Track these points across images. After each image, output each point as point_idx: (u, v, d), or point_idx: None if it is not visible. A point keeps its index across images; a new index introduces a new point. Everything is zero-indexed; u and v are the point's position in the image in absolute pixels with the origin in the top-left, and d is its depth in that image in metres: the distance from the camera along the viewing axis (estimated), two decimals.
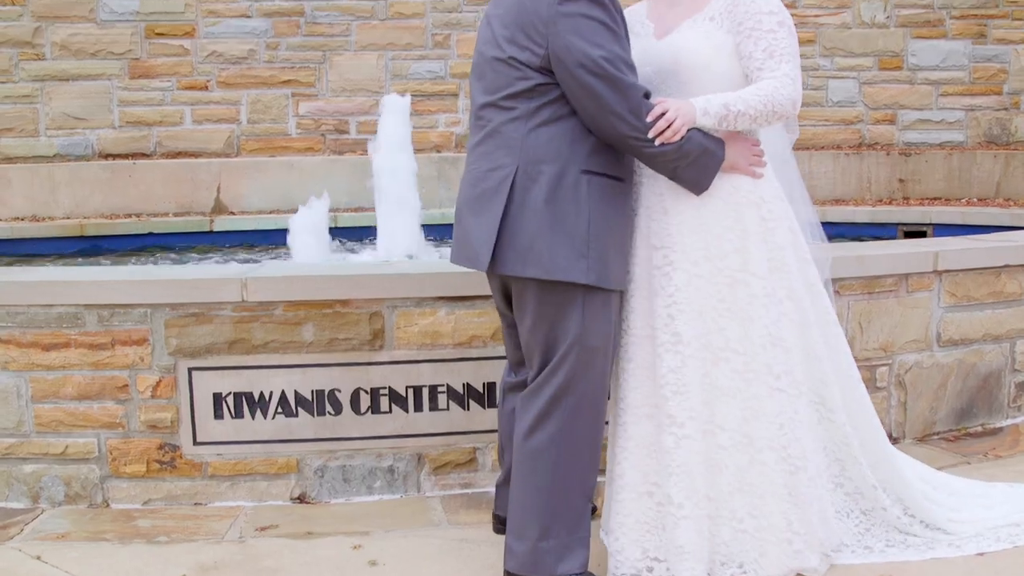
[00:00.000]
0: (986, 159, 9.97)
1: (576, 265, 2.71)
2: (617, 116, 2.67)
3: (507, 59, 2.75)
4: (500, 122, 2.80)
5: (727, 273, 2.90)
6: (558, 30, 2.65)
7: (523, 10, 2.72)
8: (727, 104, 2.78)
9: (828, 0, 10.14)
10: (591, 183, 2.74)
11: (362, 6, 9.67)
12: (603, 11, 2.68)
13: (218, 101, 9.57)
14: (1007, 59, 10.34)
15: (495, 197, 2.76)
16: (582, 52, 2.63)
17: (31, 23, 9.33)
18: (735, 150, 2.88)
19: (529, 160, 2.74)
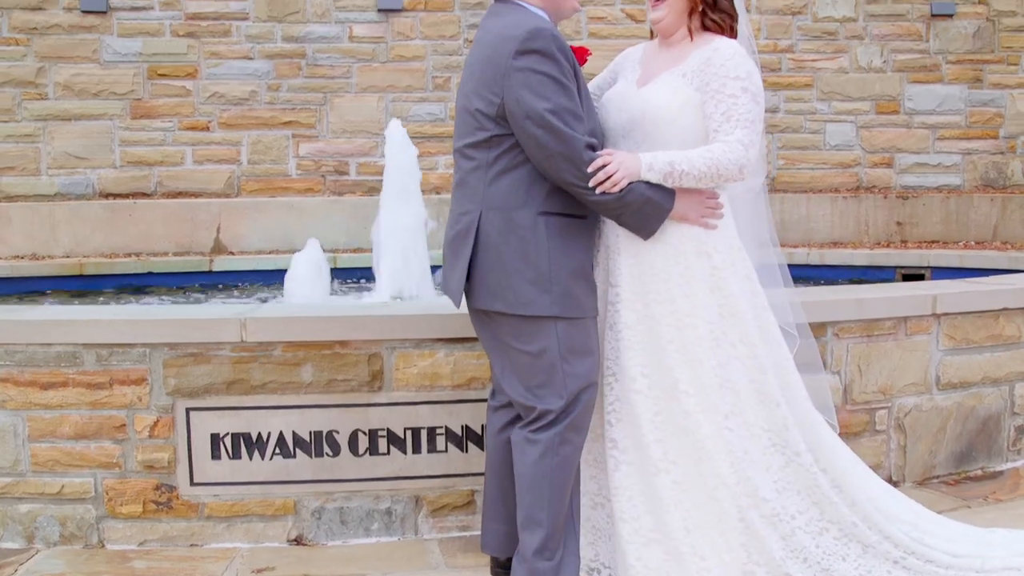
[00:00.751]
0: (983, 202, 10.02)
1: (540, 299, 2.90)
2: (561, 165, 2.85)
3: (473, 110, 2.96)
4: (466, 171, 3.03)
5: (676, 316, 3.02)
6: (511, 83, 2.84)
7: (487, 63, 2.91)
8: (672, 162, 2.92)
9: (825, 45, 10.23)
10: (548, 223, 2.92)
11: (363, 49, 9.75)
12: (554, 65, 2.84)
13: (219, 142, 9.62)
14: (1003, 103, 10.42)
15: (465, 240, 2.97)
16: (530, 105, 2.82)
17: (35, 63, 9.40)
18: (686, 202, 3.01)
19: (490, 206, 2.94)
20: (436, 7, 9.80)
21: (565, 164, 2.85)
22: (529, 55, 2.83)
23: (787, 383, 3.14)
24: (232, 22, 9.57)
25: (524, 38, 2.84)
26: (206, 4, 9.53)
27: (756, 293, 3.12)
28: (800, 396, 3.18)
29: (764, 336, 3.10)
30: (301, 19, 9.64)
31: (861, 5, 10.27)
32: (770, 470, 3.07)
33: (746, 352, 3.05)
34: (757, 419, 3.06)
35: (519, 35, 2.85)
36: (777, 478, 3.08)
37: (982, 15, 10.39)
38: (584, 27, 9.92)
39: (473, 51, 3.05)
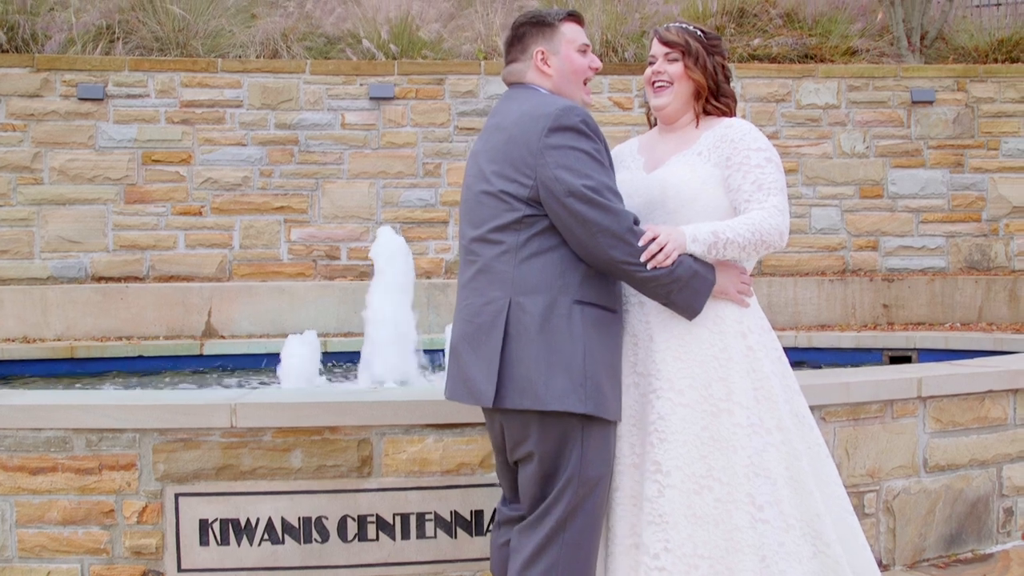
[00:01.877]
0: (968, 284, 10.12)
1: (573, 395, 2.73)
2: (609, 241, 2.73)
3: (496, 192, 2.82)
4: (490, 256, 2.85)
5: (711, 402, 2.90)
6: (546, 161, 2.74)
7: (512, 144, 2.82)
8: (716, 232, 2.86)
9: (809, 131, 10.43)
10: (584, 313, 2.79)
11: (355, 136, 9.90)
12: (588, 142, 2.78)
13: (211, 226, 9.70)
14: (984, 187, 10.59)
15: (492, 331, 2.79)
16: (570, 182, 2.72)
17: (31, 149, 9.51)
18: (725, 276, 2.94)
19: (521, 292, 2.78)
20: (427, 95, 9.99)
21: (614, 240, 2.73)
22: (563, 132, 2.76)
23: (820, 469, 3.04)
24: (226, 109, 9.73)
25: (556, 115, 2.78)
26: (201, 92, 9.69)
27: (787, 375, 3.06)
28: (833, 481, 3.07)
29: (798, 420, 3.03)
30: (294, 107, 9.82)
31: (843, 92, 10.49)
32: (801, 561, 2.90)
33: (781, 439, 2.93)
34: (792, 509, 2.91)
35: (551, 112, 2.79)
36: (806, 569, 2.92)
37: (961, 102, 10.61)
38: None
39: (490, 136, 2.95)
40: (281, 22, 10.74)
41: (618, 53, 10.80)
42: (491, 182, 2.85)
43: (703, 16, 11.59)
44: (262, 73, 9.83)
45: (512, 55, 3.06)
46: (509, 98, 3.00)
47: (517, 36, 3.05)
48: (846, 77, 10.57)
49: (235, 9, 10.72)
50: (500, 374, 2.77)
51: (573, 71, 3.01)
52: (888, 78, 10.60)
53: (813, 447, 3.06)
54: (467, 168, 3.05)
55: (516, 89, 3.03)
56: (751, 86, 10.36)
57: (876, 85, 10.55)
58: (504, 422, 2.89)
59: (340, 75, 9.92)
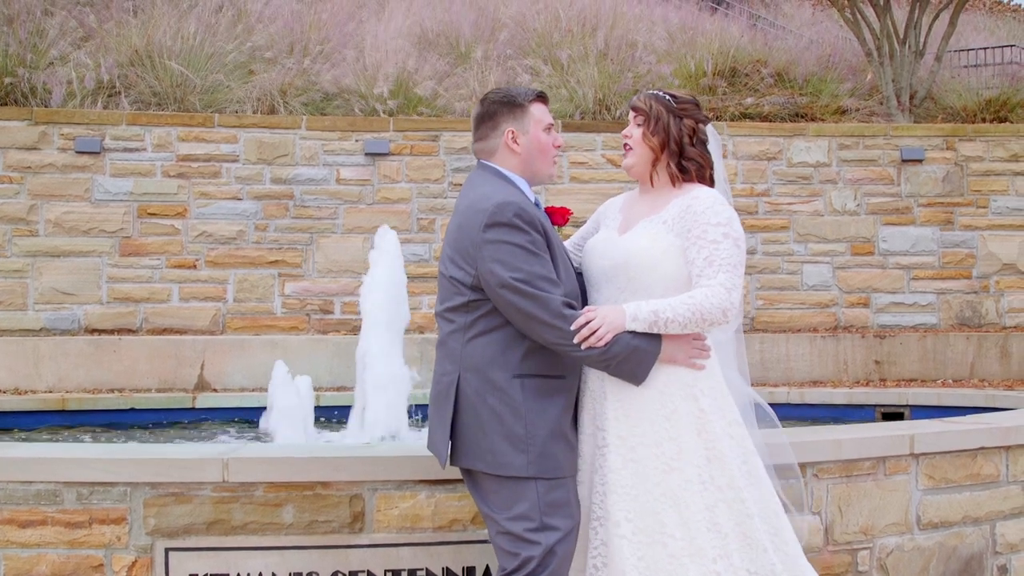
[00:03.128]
0: (959, 341, 10.16)
1: (518, 460, 2.97)
2: (541, 327, 2.96)
3: (449, 277, 3.11)
4: (446, 332, 3.15)
5: (662, 460, 3.03)
6: (483, 255, 2.99)
7: (460, 234, 3.08)
8: (656, 311, 2.99)
9: (800, 189, 10.53)
10: (524, 384, 3.02)
11: (350, 191, 9.98)
12: (521, 235, 2.98)
13: (205, 280, 9.73)
14: (974, 244, 10.68)
15: (446, 400, 3.09)
16: (501, 275, 2.95)
17: (27, 201, 9.56)
18: (673, 344, 3.08)
19: (468, 368, 3.05)
20: (421, 151, 10.09)
21: (545, 327, 2.95)
22: (498, 228, 2.97)
23: (776, 529, 3.13)
24: (222, 164, 9.81)
25: (491, 211, 2.99)
26: (197, 146, 9.78)
27: (743, 436, 3.15)
28: (790, 543, 3.15)
29: (751, 480, 3.11)
30: (290, 162, 9.90)
31: (834, 151, 10.61)
32: None
33: (733, 496, 3.04)
34: (743, 563, 3.03)
35: (487, 208, 3.00)
36: None
37: (950, 160, 10.74)
38: (566, 171, 10.20)
39: (455, 217, 3.19)
40: (278, 78, 10.85)
41: (611, 111, 10.94)
42: (447, 266, 3.14)
43: (696, 76, 11.76)
44: (258, 128, 9.93)
45: (482, 131, 3.26)
46: (469, 182, 3.25)
47: (488, 113, 3.25)
48: (837, 136, 10.69)
49: (233, 65, 10.84)
50: (453, 437, 3.07)
51: (540, 149, 3.23)
52: (878, 137, 10.73)
53: (767, 507, 3.15)
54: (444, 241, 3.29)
55: (479, 169, 3.26)
56: (743, 144, 10.47)
57: (866, 144, 10.68)
58: (468, 481, 3.16)
59: (336, 131, 10.03)
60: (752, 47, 12.92)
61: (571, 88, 11.16)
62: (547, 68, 11.67)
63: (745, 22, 14.98)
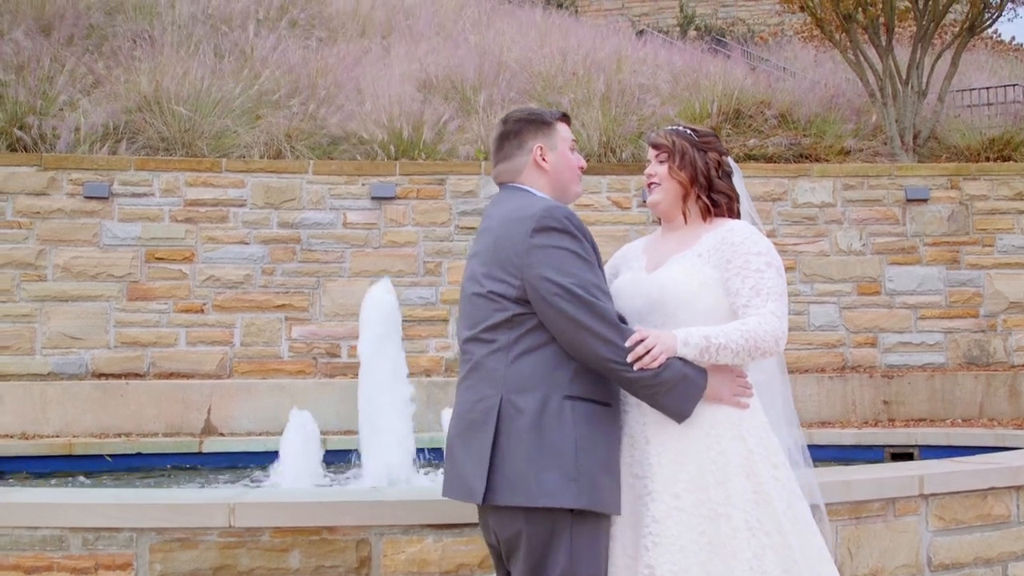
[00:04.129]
0: (967, 380, 10.12)
1: (566, 489, 2.71)
2: (595, 339, 2.75)
3: (486, 293, 2.87)
4: (482, 355, 2.88)
5: (709, 506, 2.87)
6: (531, 261, 2.79)
7: (499, 246, 2.87)
8: (708, 336, 2.85)
9: (806, 229, 10.55)
10: (575, 408, 2.79)
11: (356, 235, 10.02)
12: (573, 241, 2.81)
13: (213, 324, 9.75)
14: (981, 283, 10.66)
15: (483, 428, 2.80)
16: (554, 281, 2.75)
17: (36, 246, 9.61)
18: (718, 380, 2.91)
19: (512, 390, 2.80)
20: (428, 195, 10.14)
21: (598, 339, 2.76)
22: (548, 232, 2.80)
23: (819, 573, 2.97)
24: (230, 208, 9.86)
25: (540, 215, 2.82)
26: (205, 191, 9.84)
27: (789, 479, 3.01)
28: None
29: (797, 525, 2.96)
30: (297, 206, 9.95)
31: (839, 191, 10.64)
32: None
33: (780, 542, 2.88)
34: None
35: (534, 213, 2.84)
36: None
37: (955, 199, 10.76)
38: None
39: (481, 238, 3.01)
40: (285, 123, 10.95)
41: (616, 154, 11.00)
42: (482, 284, 2.90)
43: (700, 117, 11.83)
44: (265, 173, 10.00)
45: (506, 150, 3.11)
46: (498, 201, 3.08)
47: (513, 132, 3.11)
48: (841, 176, 10.73)
49: (240, 110, 10.94)
50: (491, 471, 2.77)
51: (568, 167, 3.10)
52: (882, 177, 10.75)
53: (813, 553, 3.00)
54: (464, 271, 3.10)
55: (505, 191, 3.09)
56: (748, 185, 10.24)
57: (871, 184, 10.70)
58: (495, 520, 2.87)
59: (342, 175, 10.08)
60: (755, 89, 13.02)
61: (576, 131, 11.21)
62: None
63: (748, 64, 15.09)
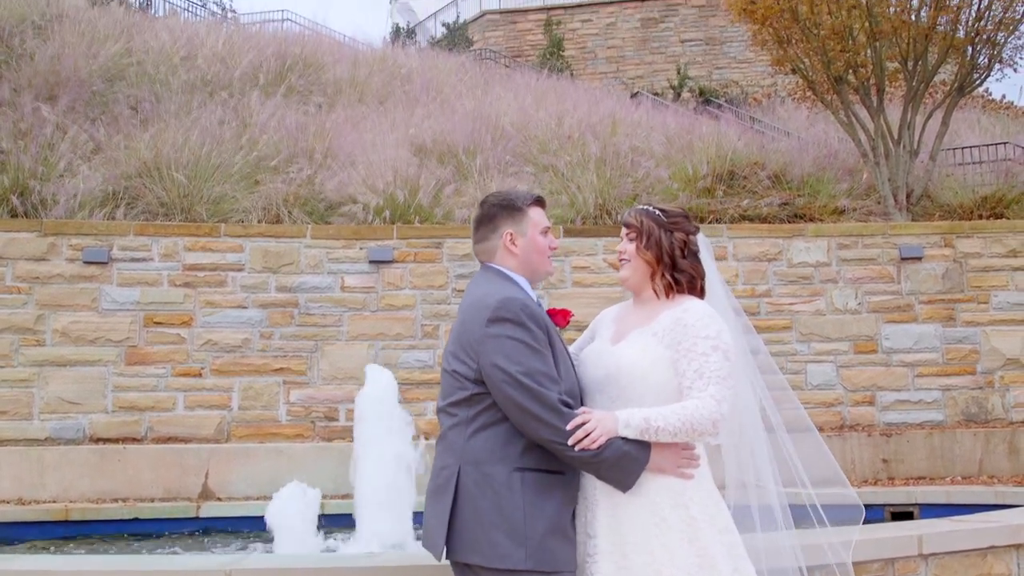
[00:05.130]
0: (966, 437, 10.11)
1: (515, 553, 2.98)
2: (538, 422, 3.02)
3: (451, 371, 3.18)
4: (447, 427, 3.20)
5: (654, 567, 3.06)
6: (485, 348, 3.08)
7: (464, 329, 3.18)
8: (647, 419, 3.06)
9: (801, 289, 10.60)
10: (524, 479, 3.06)
11: (354, 298, 10.06)
12: (524, 331, 3.08)
13: (210, 388, 9.75)
14: (977, 340, 10.69)
15: (444, 493, 3.10)
16: (504, 369, 3.03)
17: (35, 311, 9.65)
18: (662, 455, 3.13)
19: (469, 461, 3.09)
20: (425, 259, 10.20)
21: (541, 424, 3.01)
22: (501, 323, 3.07)
23: None
24: (228, 272, 9.92)
25: (495, 307, 3.10)
26: (204, 255, 9.90)
27: (735, 544, 3.18)
28: None
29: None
30: (295, 270, 10.01)
31: (833, 251, 10.71)
32: None
33: None
34: None
35: (491, 304, 3.11)
36: None
37: (949, 257, 10.82)
38: (568, 276, 10.30)
39: (458, 316, 3.29)
40: (283, 188, 11.05)
41: (611, 216, 11.09)
42: (450, 362, 3.21)
43: (693, 179, 11.95)
44: (264, 237, 10.07)
45: (482, 233, 3.40)
46: (475, 281, 3.37)
47: (488, 216, 3.39)
48: (835, 235, 10.80)
49: (239, 175, 11.05)
50: (450, 531, 3.07)
51: (537, 251, 3.37)
52: (876, 236, 10.83)
53: None
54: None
55: (482, 271, 3.38)
56: (743, 246, 10.58)
57: (865, 243, 10.78)
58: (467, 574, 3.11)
59: (340, 239, 10.16)
60: (749, 150, 13.17)
61: (571, 194, 11.34)
62: (547, 174, 11.87)
63: (742, 125, 15.28)
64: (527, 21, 27.87)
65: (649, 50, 26.63)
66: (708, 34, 26.54)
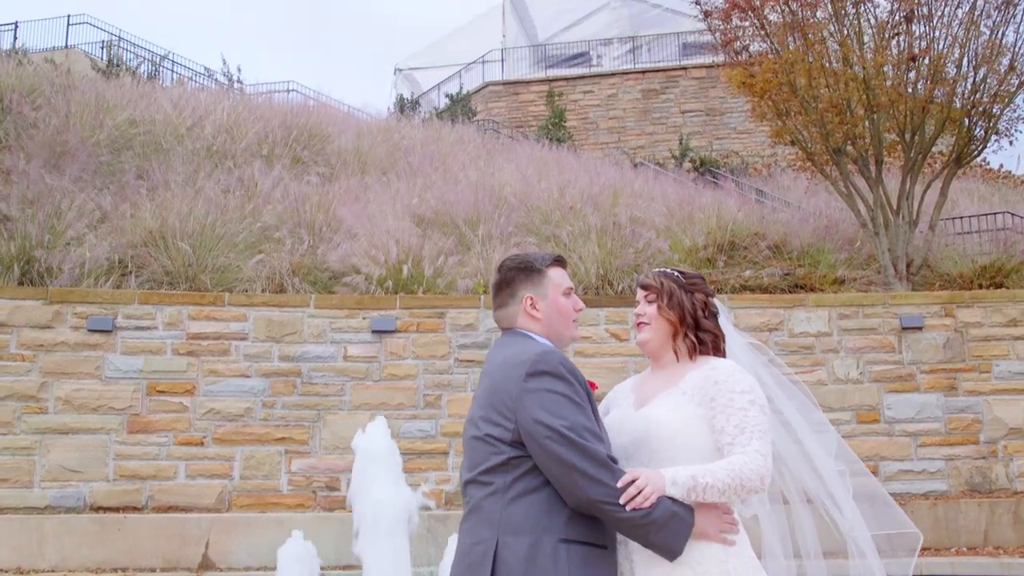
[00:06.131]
0: (971, 508, 10.06)
1: None
2: (586, 480, 2.80)
3: (483, 436, 2.95)
4: (480, 497, 2.94)
5: None
6: (524, 404, 2.88)
7: (495, 390, 2.97)
8: (695, 476, 2.92)
9: (803, 359, 10.62)
10: (570, 551, 2.83)
11: (357, 368, 10.09)
12: (565, 385, 2.91)
13: (212, 457, 9.74)
14: (979, 410, 10.68)
15: (480, 570, 2.83)
16: (547, 424, 2.83)
17: (38, 378, 9.68)
18: (705, 517, 2.96)
19: (508, 532, 2.84)
20: (427, 328, 10.25)
21: (590, 481, 2.80)
22: (540, 376, 2.89)
23: None
24: (231, 341, 9.96)
25: (534, 360, 2.92)
26: (208, 324, 9.95)
27: None
28: None
29: None
30: (298, 339, 10.06)
31: (834, 320, 10.75)
32: None
33: None
34: None
35: (528, 359, 2.93)
36: None
37: (950, 327, 10.86)
38: (571, 346, 10.33)
39: (481, 382, 3.10)
40: (287, 257, 11.15)
41: (613, 286, 11.16)
42: (479, 427, 2.98)
43: (693, 250, 12.05)
44: (268, 307, 10.13)
45: (501, 299, 3.23)
46: (498, 345, 3.18)
47: (506, 281, 3.23)
48: (836, 305, 10.85)
49: (243, 244, 11.15)
50: None
51: (560, 313, 3.20)
52: (877, 305, 10.88)
53: None
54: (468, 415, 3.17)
55: (506, 336, 3.20)
56: (744, 316, 10.63)
57: (866, 312, 10.83)
58: None
59: (343, 308, 10.21)
60: (749, 220, 13.30)
61: (573, 264, 11.42)
62: (549, 245, 11.97)
63: (742, 195, 15.43)
64: (529, 92, 28.28)
65: (650, 120, 26.99)
66: (708, 105, 26.91)
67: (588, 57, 30.33)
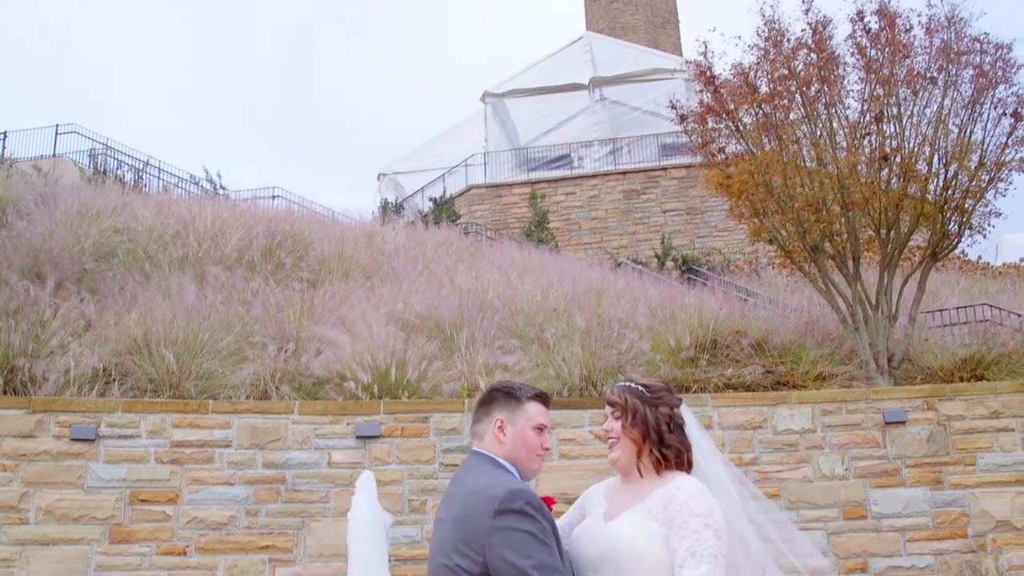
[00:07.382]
0: None
1: None
2: None
3: (453, 566, 3.07)
4: None
5: None
6: (493, 542, 3.01)
7: (465, 521, 3.10)
8: None
9: (788, 456, 10.63)
10: None
11: (341, 474, 10.05)
12: (532, 523, 3.04)
13: (195, 566, 9.62)
14: (966, 503, 10.66)
15: None
16: (514, 564, 2.97)
17: (20, 488, 9.58)
18: None
19: None
20: (412, 433, 10.24)
21: None
22: (508, 515, 3.03)
23: None
24: (215, 449, 9.92)
25: (503, 498, 3.06)
26: (191, 432, 9.92)
27: None
28: None
29: None
30: (282, 446, 10.03)
31: (818, 417, 10.79)
32: None
33: None
34: None
35: (499, 495, 3.07)
36: None
37: (933, 420, 10.90)
38: (555, 448, 10.32)
39: (450, 505, 3.22)
40: (271, 364, 11.16)
41: (597, 387, 11.20)
42: (449, 556, 3.10)
43: (676, 350, 12.12)
44: (252, 413, 10.12)
45: (478, 415, 3.42)
46: (465, 467, 3.35)
47: (486, 399, 3.42)
48: (819, 402, 10.90)
49: (227, 351, 11.17)
50: None
51: (524, 445, 3.36)
52: (860, 401, 10.93)
53: None
54: (433, 534, 3.28)
55: (472, 456, 3.36)
56: (727, 415, 10.67)
57: (849, 408, 10.87)
58: None
59: (328, 414, 10.21)
60: (731, 318, 13.41)
61: (557, 366, 11.47)
62: (533, 347, 12.03)
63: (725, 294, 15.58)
64: (512, 195, 28.68)
65: (632, 220, 27.35)
66: (689, 204, 27.32)
67: (569, 159, 30.83)
